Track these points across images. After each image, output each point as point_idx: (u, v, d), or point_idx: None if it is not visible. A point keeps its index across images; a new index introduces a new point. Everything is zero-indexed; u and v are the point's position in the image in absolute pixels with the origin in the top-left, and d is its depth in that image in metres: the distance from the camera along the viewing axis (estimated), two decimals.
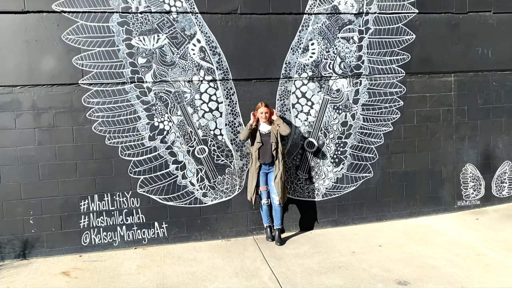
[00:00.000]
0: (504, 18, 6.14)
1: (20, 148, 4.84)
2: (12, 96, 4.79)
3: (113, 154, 5.02)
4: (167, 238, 5.23)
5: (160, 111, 5.14)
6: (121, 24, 4.94)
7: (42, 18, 4.79)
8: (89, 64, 4.91)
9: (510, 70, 6.24)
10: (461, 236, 5.13)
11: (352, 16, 5.59)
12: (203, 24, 5.18)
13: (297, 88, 5.51)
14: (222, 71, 5.27)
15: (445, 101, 6.03)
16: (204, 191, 5.31)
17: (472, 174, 6.19)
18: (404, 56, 5.79)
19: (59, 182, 4.94)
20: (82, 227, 5.02)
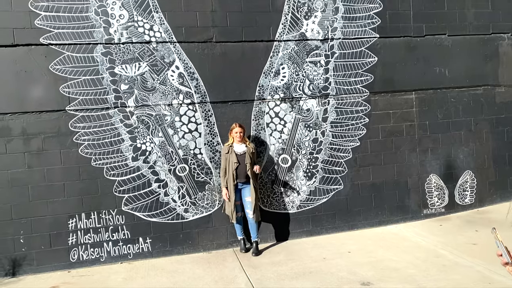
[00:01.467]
0: (458, 40, 6.72)
1: (11, 171, 5.16)
2: (3, 123, 5.13)
3: (98, 174, 5.37)
4: (151, 252, 5.55)
5: (142, 133, 5.52)
6: (104, 54, 5.36)
7: (30, 50, 5.18)
8: (75, 92, 5.29)
9: (466, 87, 6.79)
10: (424, 241, 5.56)
11: (318, 42, 6.09)
12: (181, 52, 5.62)
13: (270, 109, 5.96)
14: (200, 94, 5.70)
15: (408, 117, 6.54)
16: (186, 207, 5.67)
17: (436, 184, 6.66)
18: (367, 77, 6.30)
19: (48, 202, 5.25)
20: (70, 244, 5.32)
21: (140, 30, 5.46)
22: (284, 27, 5.95)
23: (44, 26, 5.19)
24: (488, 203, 6.90)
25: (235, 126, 5.44)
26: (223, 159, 5.46)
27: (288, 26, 5.96)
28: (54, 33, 5.22)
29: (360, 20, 6.24)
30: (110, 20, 5.36)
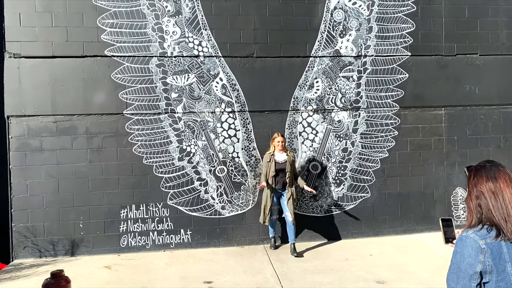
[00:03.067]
0: (489, 60, 6.96)
1: (75, 165, 5.98)
2: (71, 123, 5.97)
3: (148, 171, 6.09)
4: (191, 243, 6.20)
5: (188, 137, 6.20)
6: (158, 65, 6.10)
7: (96, 61, 6.00)
8: (132, 98, 6.06)
9: (496, 105, 7.00)
10: (445, 250, 5.86)
11: (352, 58, 6.56)
12: (225, 65, 6.27)
13: (303, 119, 6.48)
14: (240, 104, 6.31)
15: (436, 131, 6.85)
16: (223, 204, 6.28)
17: (462, 197, 6.91)
18: (398, 92, 6.68)
19: (104, 194, 6.03)
20: (121, 232, 6.07)
21: (190, 45, 6.16)
22: (320, 44, 6.47)
23: (108, 40, 6.00)
24: None
25: (277, 136, 5.83)
26: (265, 167, 5.84)
27: (323, 43, 6.48)
28: (117, 46, 6.02)
29: (393, 39, 6.65)
30: (164, 36, 6.10)
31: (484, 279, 1.67)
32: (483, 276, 1.66)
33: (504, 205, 1.68)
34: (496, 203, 1.69)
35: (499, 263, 1.65)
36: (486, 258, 1.65)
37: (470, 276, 1.67)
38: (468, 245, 1.69)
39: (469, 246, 1.68)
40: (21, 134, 5.86)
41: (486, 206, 1.73)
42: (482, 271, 1.65)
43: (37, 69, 5.89)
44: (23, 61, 5.86)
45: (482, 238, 1.67)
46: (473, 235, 1.69)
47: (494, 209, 1.69)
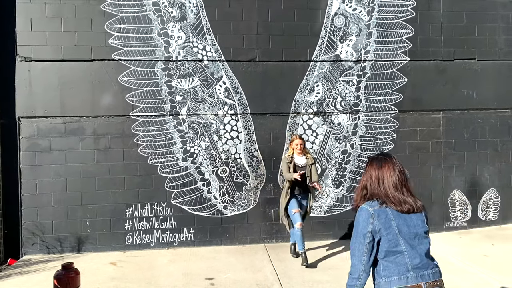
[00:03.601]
0: (487, 65, 7.11)
1: (82, 164, 6.19)
2: (79, 124, 6.19)
3: (153, 171, 6.30)
4: (194, 241, 6.39)
5: (191, 138, 6.39)
6: (164, 69, 6.30)
7: (104, 64, 6.21)
8: (138, 100, 6.26)
9: (494, 109, 7.15)
10: (440, 250, 6.00)
11: (351, 63, 6.73)
12: (228, 69, 6.46)
13: (304, 121, 6.66)
14: (242, 106, 6.50)
15: (434, 134, 7.00)
16: (225, 204, 6.47)
17: (460, 199, 7.06)
18: (397, 96, 6.84)
19: (111, 193, 6.24)
20: (126, 230, 6.27)
21: (195, 49, 6.36)
22: (321, 49, 6.65)
23: (116, 44, 6.21)
24: (511, 221, 7.19)
25: (295, 138, 5.58)
26: (285, 166, 5.51)
27: (324, 48, 6.66)
28: (124, 51, 6.23)
29: (392, 44, 6.81)
30: (170, 40, 6.31)
31: (376, 238, 2.24)
32: (374, 236, 2.24)
33: (384, 186, 2.33)
34: (379, 186, 2.34)
35: (386, 222, 2.25)
36: (375, 220, 2.24)
37: (364, 235, 2.25)
38: (362, 213, 2.28)
39: (363, 213, 2.27)
40: (31, 134, 6.09)
41: (371, 187, 2.37)
42: (372, 231, 2.24)
43: (47, 72, 6.11)
44: (33, 65, 6.09)
45: (371, 206, 2.28)
46: (365, 205, 2.30)
47: (377, 190, 2.34)
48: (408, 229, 2.28)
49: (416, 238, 2.30)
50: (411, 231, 2.28)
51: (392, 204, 2.29)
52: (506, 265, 5.32)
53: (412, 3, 6.83)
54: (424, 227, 2.34)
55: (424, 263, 2.28)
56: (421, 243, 2.30)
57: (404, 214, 2.29)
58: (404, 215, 2.29)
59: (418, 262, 2.26)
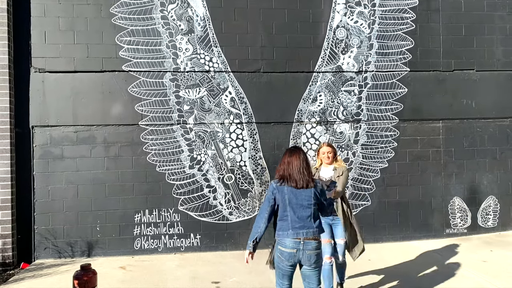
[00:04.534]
0: (485, 75, 7.31)
1: (93, 172, 6.42)
2: (90, 132, 6.42)
3: (161, 178, 6.51)
4: (200, 247, 6.58)
5: (198, 146, 6.61)
6: (172, 80, 6.54)
7: (114, 75, 6.46)
8: (147, 110, 6.50)
9: (492, 118, 7.33)
10: (440, 255, 6.18)
11: (353, 73, 6.95)
12: (234, 80, 6.69)
13: (307, 130, 6.87)
14: (247, 116, 6.72)
15: (434, 143, 7.18)
16: (230, 210, 6.67)
17: (460, 206, 7.22)
18: (397, 105, 7.04)
19: (120, 199, 6.45)
20: (135, 235, 6.47)
21: (202, 61, 6.60)
22: (323, 60, 6.87)
23: (126, 56, 6.46)
24: (510, 228, 7.34)
25: (322, 146, 4.65)
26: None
27: (326, 59, 6.88)
28: (133, 62, 6.48)
29: (392, 55, 7.03)
30: (178, 52, 6.55)
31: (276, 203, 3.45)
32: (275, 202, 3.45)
33: (290, 169, 3.47)
34: (288, 168, 3.48)
35: (281, 195, 3.43)
36: (275, 192, 3.45)
37: (268, 199, 3.48)
38: (270, 186, 3.53)
39: (270, 186, 3.53)
40: (44, 143, 6.32)
41: (283, 169, 3.51)
42: (274, 198, 3.45)
43: (60, 82, 6.37)
44: (47, 76, 6.34)
45: (276, 183, 3.50)
46: (273, 182, 3.52)
47: (287, 171, 3.48)
48: (296, 200, 3.40)
49: (300, 208, 3.40)
50: (298, 202, 3.40)
51: (292, 182, 3.43)
52: (503, 270, 5.49)
53: (412, 16, 7.06)
54: (309, 200, 3.42)
55: (302, 225, 3.38)
56: (303, 211, 3.40)
57: (297, 189, 3.41)
58: (296, 190, 3.42)
59: (297, 224, 3.38)
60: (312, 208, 3.41)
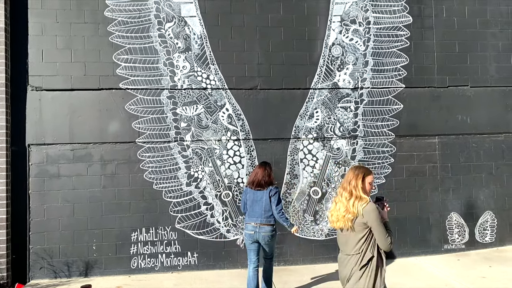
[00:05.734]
0: (479, 91, 7.39)
1: (89, 190, 6.37)
2: (86, 150, 6.39)
3: (158, 196, 6.47)
4: (197, 265, 6.51)
5: (195, 163, 6.60)
6: (169, 97, 6.56)
7: (111, 93, 6.47)
8: (144, 127, 6.49)
9: (488, 133, 7.39)
10: (439, 272, 6.16)
11: (349, 90, 7.00)
12: (231, 97, 6.72)
13: (304, 146, 6.88)
14: (244, 132, 6.73)
15: (431, 159, 7.21)
16: (228, 228, 6.62)
17: (457, 222, 7.22)
18: (393, 121, 7.09)
19: (116, 217, 6.39)
20: (132, 254, 6.40)
21: (199, 78, 6.63)
22: (319, 77, 6.93)
23: (123, 74, 6.48)
24: (508, 243, 7.33)
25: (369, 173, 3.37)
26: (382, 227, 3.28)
27: (322, 76, 6.94)
28: (131, 80, 6.50)
29: (388, 72, 7.11)
30: (175, 70, 6.58)
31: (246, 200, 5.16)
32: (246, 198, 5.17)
33: (256, 175, 5.12)
34: (255, 176, 5.13)
35: (246, 194, 5.17)
36: (245, 192, 5.21)
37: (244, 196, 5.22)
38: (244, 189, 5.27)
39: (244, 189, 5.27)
40: (41, 161, 6.28)
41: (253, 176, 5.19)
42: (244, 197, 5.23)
43: (56, 101, 6.36)
44: (44, 94, 6.34)
45: (246, 186, 5.22)
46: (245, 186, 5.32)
47: (254, 178, 5.12)
48: (254, 198, 5.04)
49: (255, 203, 5.01)
50: (254, 199, 5.02)
51: (252, 185, 5.09)
52: (502, 286, 5.47)
53: (406, 33, 7.16)
54: (262, 198, 4.99)
55: (256, 214, 4.97)
56: (257, 205, 4.98)
57: (255, 190, 5.05)
58: (255, 191, 5.06)
59: (252, 214, 5.00)
60: (264, 203, 4.96)
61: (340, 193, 3.34)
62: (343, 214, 3.22)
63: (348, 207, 3.21)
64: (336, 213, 3.31)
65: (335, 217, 3.33)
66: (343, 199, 3.28)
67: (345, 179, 3.36)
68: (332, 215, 3.37)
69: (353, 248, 3.24)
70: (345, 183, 3.33)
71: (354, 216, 3.18)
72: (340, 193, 3.35)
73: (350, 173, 3.35)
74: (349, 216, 3.19)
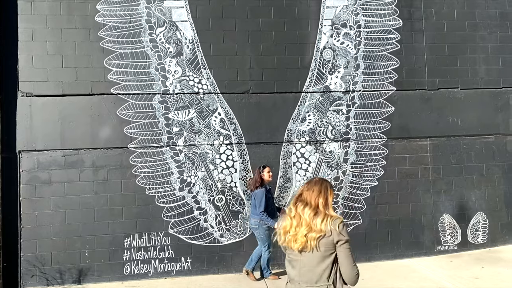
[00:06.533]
0: (469, 93, 7.46)
1: (81, 196, 6.32)
2: (78, 156, 6.35)
3: (151, 201, 6.44)
4: (191, 270, 6.48)
5: (188, 168, 6.58)
6: (161, 102, 6.54)
7: (103, 99, 6.44)
8: (136, 132, 6.47)
9: (478, 135, 7.45)
10: (432, 273, 6.19)
11: (341, 93, 7.04)
12: (223, 101, 6.72)
13: (297, 150, 6.90)
14: (237, 136, 6.73)
15: (422, 161, 7.26)
16: (221, 232, 6.61)
17: (449, 223, 7.26)
18: (385, 124, 7.13)
19: (109, 223, 6.35)
20: (125, 260, 6.35)
21: (191, 83, 6.63)
22: (311, 80, 6.95)
23: (114, 79, 6.46)
24: (500, 244, 7.39)
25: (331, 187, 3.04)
26: None
27: (314, 80, 6.96)
28: (122, 85, 6.47)
29: (378, 75, 7.15)
30: (167, 75, 6.58)
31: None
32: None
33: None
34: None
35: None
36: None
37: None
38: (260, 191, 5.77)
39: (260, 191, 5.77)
40: (31, 168, 6.23)
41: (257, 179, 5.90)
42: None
43: (47, 106, 6.32)
44: (34, 100, 6.29)
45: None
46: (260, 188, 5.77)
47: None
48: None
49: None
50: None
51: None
52: (495, 286, 5.50)
53: (396, 36, 7.21)
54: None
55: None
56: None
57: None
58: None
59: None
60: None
61: (298, 209, 2.73)
62: (304, 233, 2.62)
63: (313, 225, 2.63)
64: (293, 231, 2.68)
65: (291, 236, 2.69)
66: (305, 216, 2.68)
67: (308, 194, 2.76)
68: (288, 233, 2.71)
69: (319, 278, 2.62)
70: (307, 198, 2.74)
71: (320, 234, 2.60)
72: (297, 209, 2.74)
73: (315, 187, 2.77)
74: (313, 235, 2.60)
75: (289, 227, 2.71)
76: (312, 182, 2.83)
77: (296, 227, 2.68)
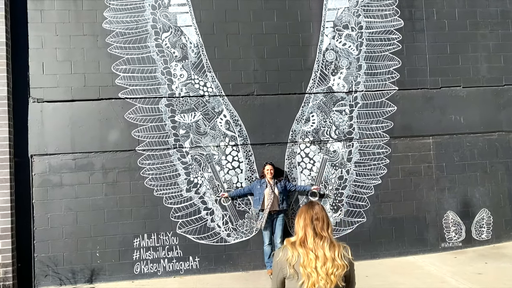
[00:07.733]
0: (472, 91, 7.53)
1: (92, 198, 6.51)
2: (88, 159, 6.54)
3: (159, 202, 6.61)
4: (199, 269, 6.64)
5: (195, 169, 6.74)
6: (167, 105, 6.71)
7: (111, 103, 6.62)
8: (143, 135, 6.64)
9: (481, 133, 7.52)
10: (436, 270, 6.28)
11: (343, 94, 7.15)
12: (228, 103, 6.87)
13: (301, 150, 7.02)
14: (242, 138, 6.87)
15: (426, 159, 7.35)
16: (228, 232, 6.75)
17: (453, 220, 7.34)
18: (388, 123, 7.23)
19: (119, 224, 6.52)
20: (134, 259, 6.52)
21: (196, 86, 6.79)
22: (314, 82, 7.08)
23: (122, 84, 6.63)
24: (504, 240, 7.45)
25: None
26: None
27: (317, 81, 7.09)
28: (130, 89, 6.65)
29: (381, 75, 7.25)
30: (173, 78, 6.74)
31: None
32: None
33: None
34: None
35: None
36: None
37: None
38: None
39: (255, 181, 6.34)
40: (43, 171, 6.42)
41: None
42: None
43: (58, 112, 6.51)
44: (45, 105, 6.49)
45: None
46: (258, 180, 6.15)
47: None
48: None
49: None
50: None
51: None
52: (498, 282, 5.59)
53: (398, 37, 7.31)
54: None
55: None
56: None
57: None
58: None
59: None
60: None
61: (315, 243, 2.37)
62: (332, 271, 2.30)
63: (336, 259, 2.33)
64: (320, 269, 2.30)
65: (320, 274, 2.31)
66: (325, 249, 2.35)
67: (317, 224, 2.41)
68: (313, 272, 2.31)
69: None
70: (317, 228, 2.40)
71: (344, 270, 2.34)
72: (313, 243, 2.37)
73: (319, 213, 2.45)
74: (340, 272, 2.32)
75: (312, 264, 2.31)
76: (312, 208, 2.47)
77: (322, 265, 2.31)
